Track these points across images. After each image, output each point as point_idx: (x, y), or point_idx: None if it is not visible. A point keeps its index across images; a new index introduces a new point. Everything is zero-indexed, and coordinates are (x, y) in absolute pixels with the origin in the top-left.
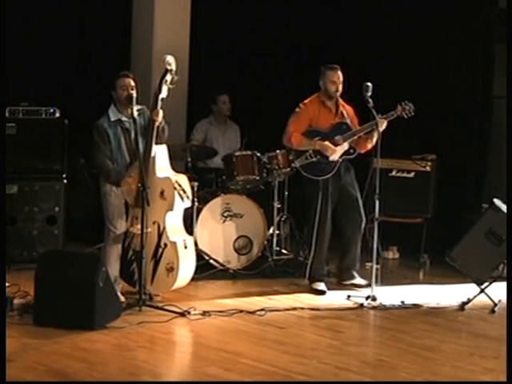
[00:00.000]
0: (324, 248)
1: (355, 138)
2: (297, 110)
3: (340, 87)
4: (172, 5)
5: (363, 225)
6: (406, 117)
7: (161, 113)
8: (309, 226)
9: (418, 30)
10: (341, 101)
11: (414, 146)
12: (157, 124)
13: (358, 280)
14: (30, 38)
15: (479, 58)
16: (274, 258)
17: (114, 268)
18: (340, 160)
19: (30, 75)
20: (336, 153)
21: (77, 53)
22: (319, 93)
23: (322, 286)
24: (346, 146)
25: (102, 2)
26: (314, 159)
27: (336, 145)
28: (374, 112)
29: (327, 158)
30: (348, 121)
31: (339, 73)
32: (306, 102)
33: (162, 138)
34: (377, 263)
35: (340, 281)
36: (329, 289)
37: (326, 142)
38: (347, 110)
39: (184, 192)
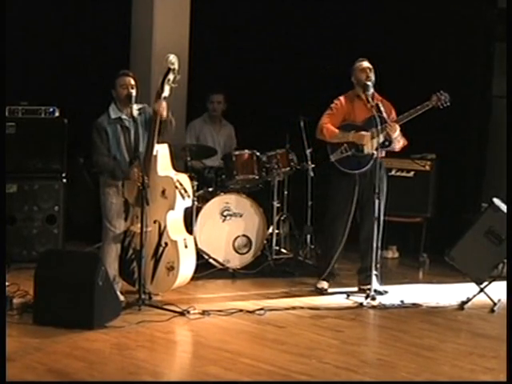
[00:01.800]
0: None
1: (386, 131)
2: (331, 105)
3: (371, 75)
4: (171, 4)
5: (375, 227)
6: (441, 107)
7: (164, 104)
8: (336, 222)
9: (418, 29)
10: (377, 95)
11: (414, 145)
12: (163, 117)
13: (376, 285)
14: (29, 38)
15: (479, 57)
16: (274, 257)
17: (112, 267)
18: (375, 153)
19: (29, 75)
20: (371, 143)
21: (77, 52)
22: (353, 89)
23: (326, 285)
24: (380, 138)
25: (101, 1)
26: (350, 153)
27: (371, 138)
28: (374, 111)
29: (362, 151)
30: (384, 114)
31: (367, 62)
32: (340, 97)
33: (170, 130)
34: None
35: (359, 285)
36: (329, 287)
37: (360, 132)
38: (385, 105)
39: (185, 191)
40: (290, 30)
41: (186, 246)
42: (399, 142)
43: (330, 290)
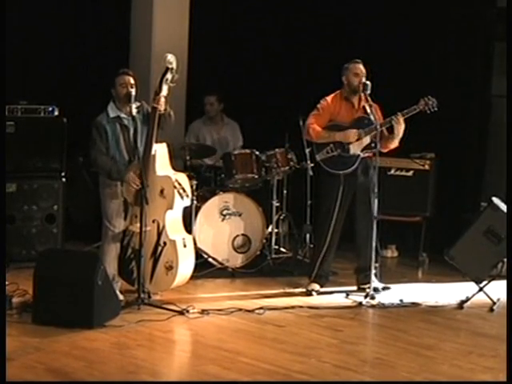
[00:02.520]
0: (335, 246)
1: (377, 132)
2: (318, 105)
3: (363, 80)
4: (171, 5)
5: (374, 226)
6: (428, 112)
7: (162, 99)
8: (324, 223)
9: (418, 29)
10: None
11: (413, 144)
12: (161, 111)
13: (376, 283)
14: (29, 37)
15: (478, 57)
16: (273, 256)
17: (112, 266)
18: (361, 155)
19: (29, 74)
20: (360, 144)
21: (76, 52)
22: (342, 89)
23: (317, 287)
24: (367, 140)
25: (101, 1)
26: (335, 153)
27: (358, 138)
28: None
29: (348, 151)
30: (371, 116)
31: (361, 66)
32: (327, 97)
33: (170, 123)
34: (376, 262)
35: (359, 284)
36: (322, 287)
37: (346, 130)
38: (371, 107)
39: (184, 191)
40: (290, 31)
41: (184, 246)
42: (394, 142)
43: (329, 290)
